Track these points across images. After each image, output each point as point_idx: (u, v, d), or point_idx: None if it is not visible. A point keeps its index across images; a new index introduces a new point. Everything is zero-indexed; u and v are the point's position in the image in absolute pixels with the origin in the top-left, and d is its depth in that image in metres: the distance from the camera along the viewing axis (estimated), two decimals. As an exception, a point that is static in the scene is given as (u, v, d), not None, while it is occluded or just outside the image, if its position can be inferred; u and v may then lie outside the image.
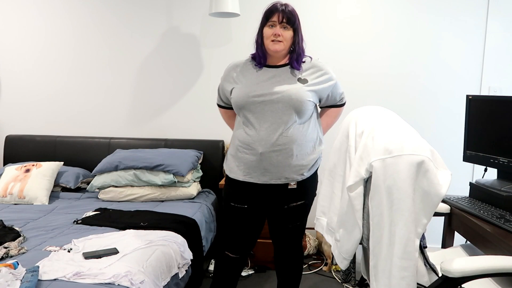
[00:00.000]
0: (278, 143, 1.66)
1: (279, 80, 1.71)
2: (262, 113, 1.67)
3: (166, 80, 3.12)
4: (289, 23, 1.68)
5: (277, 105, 1.66)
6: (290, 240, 1.88)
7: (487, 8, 2.80)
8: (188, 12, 3.04)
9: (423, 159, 1.15)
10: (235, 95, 1.72)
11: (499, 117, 1.73)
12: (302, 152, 1.71)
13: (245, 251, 1.86)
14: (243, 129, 1.73)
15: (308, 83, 1.71)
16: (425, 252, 1.33)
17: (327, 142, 3.03)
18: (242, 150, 1.72)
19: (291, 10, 1.69)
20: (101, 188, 2.68)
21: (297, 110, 1.67)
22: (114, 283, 1.51)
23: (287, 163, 1.69)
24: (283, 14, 1.66)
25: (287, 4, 1.70)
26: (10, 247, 1.79)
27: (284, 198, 1.76)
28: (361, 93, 2.97)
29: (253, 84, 1.71)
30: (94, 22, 3.12)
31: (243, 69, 1.78)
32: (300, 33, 1.74)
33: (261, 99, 1.66)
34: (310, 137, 1.74)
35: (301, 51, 1.74)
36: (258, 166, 1.69)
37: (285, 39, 1.68)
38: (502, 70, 2.83)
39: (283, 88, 1.67)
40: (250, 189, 1.76)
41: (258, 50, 1.74)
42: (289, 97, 1.65)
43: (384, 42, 2.91)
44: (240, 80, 1.75)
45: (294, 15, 1.69)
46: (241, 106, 1.70)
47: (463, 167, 2.94)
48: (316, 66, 1.77)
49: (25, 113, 3.28)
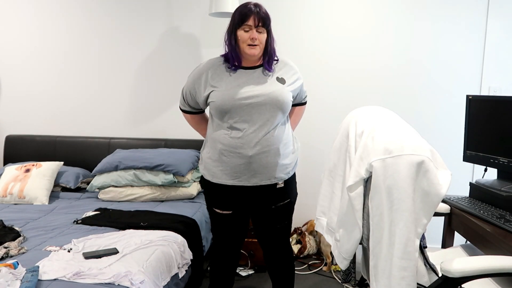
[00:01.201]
0: (267, 144, 1.68)
1: (260, 81, 1.71)
2: (250, 115, 1.67)
3: (166, 80, 3.12)
4: (264, 26, 1.66)
5: (264, 106, 1.67)
6: (278, 241, 1.89)
7: (487, 8, 2.80)
8: (188, 12, 3.04)
9: (423, 159, 1.15)
10: (218, 99, 1.68)
11: (499, 117, 1.73)
12: (287, 150, 1.76)
13: (235, 249, 1.90)
14: (226, 133, 1.70)
15: (286, 83, 1.75)
16: (425, 252, 1.33)
17: (326, 142, 3.03)
18: (228, 153, 1.70)
19: (265, 12, 1.67)
20: (101, 188, 2.69)
21: (283, 111, 1.71)
22: (114, 283, 1.51)
23: (276, 163, 1.71)
24: (258, 18, 1.64)
25: (259, 5, 1.67)
26: (10, 247, 1.79)
27: (271, 198, 1.78)
28: (361, 93, 2.97)
29: (235, 87, 1.69)
30: (94, 22, 3.13)
31: (216, 71, 1.73)
32: (272, 34, 1.73)
33: (248, 101, 1.66)
34: (290, 136, 1.80)
35: (273, 52, 1.73)
36: (247, 169, 1.70)
37: (261, 42, 1.68)
38: (502, 70, 2.83)
39: (268, 89, 1.68)
40: (236, 193, 1.76)
41: (233, 52, 1.70)
42: (276, 99, 1.67)
43: (384, 42, 2.91)
44: (218, 83, 1.71)
45: (268, 17, 1.68)
46: (227, 110, 1.67)
47: (463, 167, 2.94)
48: (288, 65, 1.80)
49: (25, 113, 3.28)
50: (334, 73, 2.97)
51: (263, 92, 1.67)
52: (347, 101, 2.99)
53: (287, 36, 2.97)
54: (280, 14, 2.96)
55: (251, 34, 1.65)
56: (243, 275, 2.61)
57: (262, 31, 1.67)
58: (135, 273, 1.58)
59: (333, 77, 2.98)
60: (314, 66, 2.98)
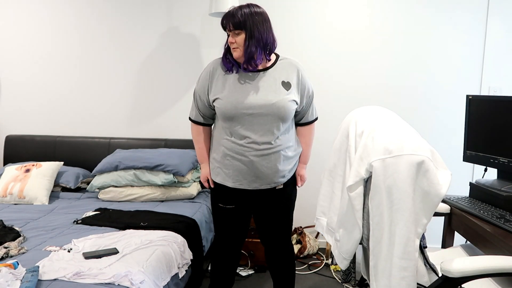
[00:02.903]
0: (268, 152, 1.72)
1: (263, 85, 1.70)
2: (251, 125, 1.69)
3: (166, 80, 3.12)
4: (238, 28, 1.64)
5: (266, 117, 1.68)
6: (279, 238, 1.92)
7: (487, 8, 2.80)
8: (188, 12, 3.04)
9: (423, 159, 1.15)
10: (222, 106, 1.70)
11: (499, 117, 1.73)
12: (288, 156, 1.79)
13: (237, 246, 1.92)
14: (229, 138, 1.74)
15: (291, 88, 1.73)
16: (425, 252, 1.33)
17: (327, 142, 3.03)
18: (230, 158, 1.75)
19: (238, 13, 1.64)
20: (101, 188, 2.68)
21: (285, 120, 1.72)
22: (114, 283, 1.51)
23: (276, 169, 1.76)
24: (228, 21, 1.66)
25: (241, 6, 1.66)
26: (10, 247, 1.79)
27: (271, 199, 1.84)
28: (361, 93, 2.97)
29: (237, 92, 1.70)
30: (93, 23, 3.12)
31: (219, 75, 1.75)
32: (256, 35, 1.65)
33: (250, 111, 1.68)
34: (292, 141, 1.81)
35: (254, 53, 1.66)
36: (249, 173, 1.74)
37: (239, 44, 1.67)
38: (502, 70, 2.83)
39: (271, 99, 1.68)
40: (238, 193, 1.83)
41: (230, 58, 1.74)
42: (277, 109, 1.68)
43: (383, 42, 2.90)
44: (220, 88, 1.73)
45: (243, 18, 1.63)
46: (230, 118, 1.70)
47: (463, 167, 2.94)
48: (292, 65, 1.77)
49: (25, 113, 3.28)
50: (334, 73, 2.97)
51: (265, 103, 1.68)
52: (347, 101, 2.99)
53: (286, 36, 2.97)
54: (278, 15, 2.96)
55: (230, 38, 1.68)
56: (243, 275, 2.61)
57: (239, 33, 1.66)
58: (135, 273, 1.58)
59: (333, 77, 2.98)
60: (314, 66, 2.98)
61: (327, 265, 2.81)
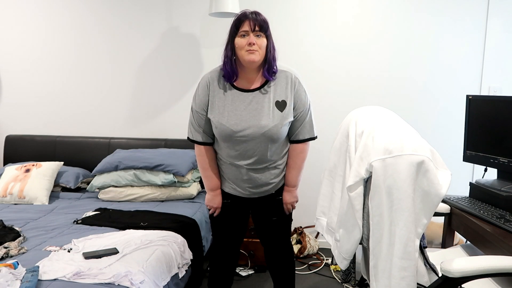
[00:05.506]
0: (261, 168, 1.74)
1: (257, 108, 1.64)
2: (244, 147, 1.69)
3: (166, 80, 3.12)
4: (262, 30, 1.58)
5: (258, 139, 1.67)
6: (278, 238, 1.91)
7: (487, 8, 2.80)
8: (188, 12, 3.04)
9: (423, 159, 1.15)
10: (218, 127, 1.67)
11: (499, 117, 1.73)
12: (281, 169, 1.81)
13: (235, 245, 1.92)
14: (224, 149, 1.74)
15: (286, 107, 1.66)
16: (425, 252, 1.33)
17: (327, 142, 3.03)
18: (227, 164, 1.77)
19: (262, 17, 1.59)
20: (101, 188, 2.68)
21: (277, 142, 1.71)
22: (114, 283, 1.51)
23: (269, 181, 1.79)
24: (254, 21, 1.56)
25: (256, 11, 1.60)
26: (10, 247, 1.79)
27: (270, 200, 1.85)
28: (361, 93, 2.97)
29: (231, 114, 1.65)
30: (94, 22, 3.13)
31: (215, 91, 1.67)
32: (272, 41, 1.63)
33: (244, 139, 1.67)
34: (284, 153, 1.80)
35: (272, 59, 1.62)
36: (244, 182, 1.77)
37: (260, 47, 1.58)
38: (502, 70, 2.83)
39: (263, 125, 1.63)
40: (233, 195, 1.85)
41: (227, 65, 1.62)
42: (270, 135, 1.66)
43: (384, 42, 2.90)
44: (216, 108, 1.67)
45: (266, 21, 1.60)
46: (226, 140, 1.69)
47: (463, 167, 2.94)
48: (288, 78, 1.68)
49: (25, 113, 3.28)
50: (334, 73, 2.97)
51: (258, 130, 1.64)
52: (346, 101, 2.99)
53: (285, 36, 2.97)
54: (276, 16, 2.96)
55: (248, 39, 1.56)
56: (243, 275, 2.61)
57: (260, 35, 1.58)
58: (135, 273, 1.58)
59: (333, 77, 2.98)
60: (313, 66, 2.98)
61: (327, 265, 2.81)
